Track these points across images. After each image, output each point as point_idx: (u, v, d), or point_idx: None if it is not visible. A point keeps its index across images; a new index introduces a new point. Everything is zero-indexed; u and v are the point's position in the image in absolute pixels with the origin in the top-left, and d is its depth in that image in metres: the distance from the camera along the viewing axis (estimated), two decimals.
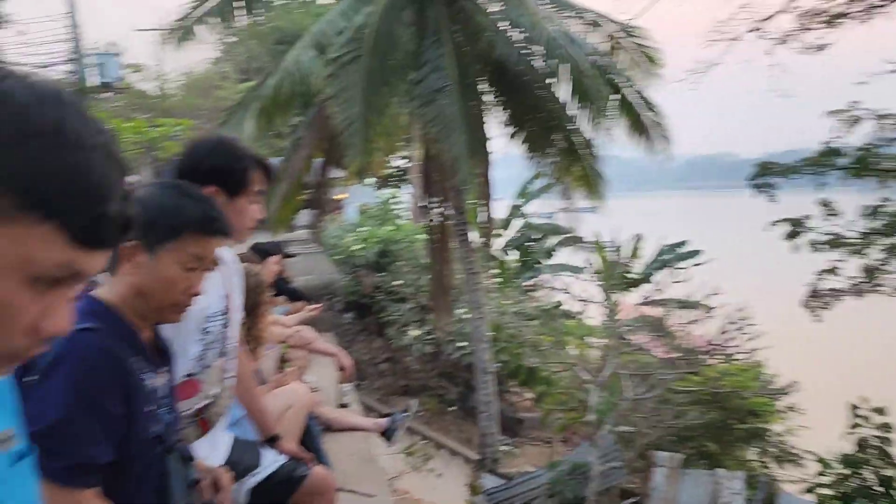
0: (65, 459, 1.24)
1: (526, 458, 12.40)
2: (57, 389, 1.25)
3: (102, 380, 1.30)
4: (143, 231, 1.38)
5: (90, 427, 1.27)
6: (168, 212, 1.43)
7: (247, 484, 2.14)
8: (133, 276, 1.43)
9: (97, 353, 1.31)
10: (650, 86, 9.83)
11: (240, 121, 9.34)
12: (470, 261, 10.21)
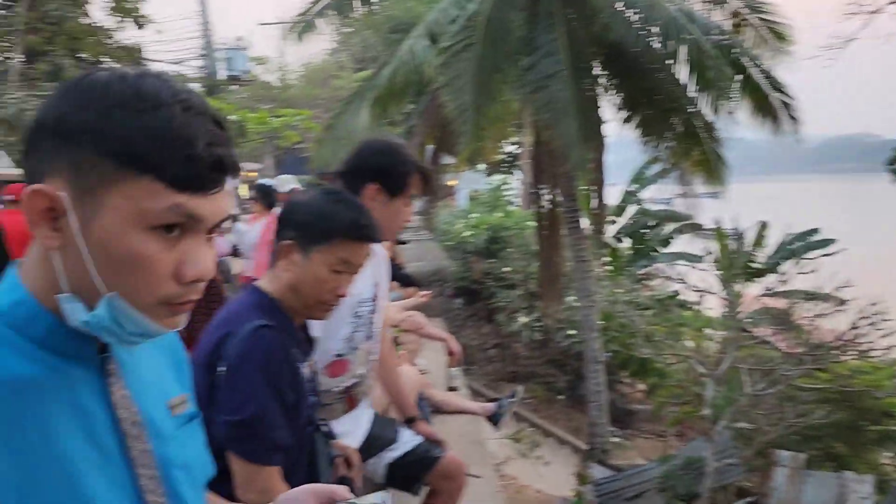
0: (261, 443, 1.43)
1: (637, 450, 12.14)
2: (251, 383, 1.43)
3: (282, 372, 1.47)
4: (299, 231, 1.55)
5: (277, 414, 1.45)
6: (323, 216, 1.57)
7: (385, 459, 2.26)
8: (288, 272, 1.57)
9: (277, 348, 1.47)
10: (778, 64, 9.28)
11: (356, 110, 9.65)
12: (580, 248, 10.07)
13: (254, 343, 1.45)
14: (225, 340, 1.48)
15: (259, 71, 23.98)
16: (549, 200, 10.73)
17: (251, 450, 1.41)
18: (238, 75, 18.37)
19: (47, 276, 0.78)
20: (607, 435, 10.40)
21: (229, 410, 1.41)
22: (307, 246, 1.55)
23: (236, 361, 1.44)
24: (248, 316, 1.51)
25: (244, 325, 1.48)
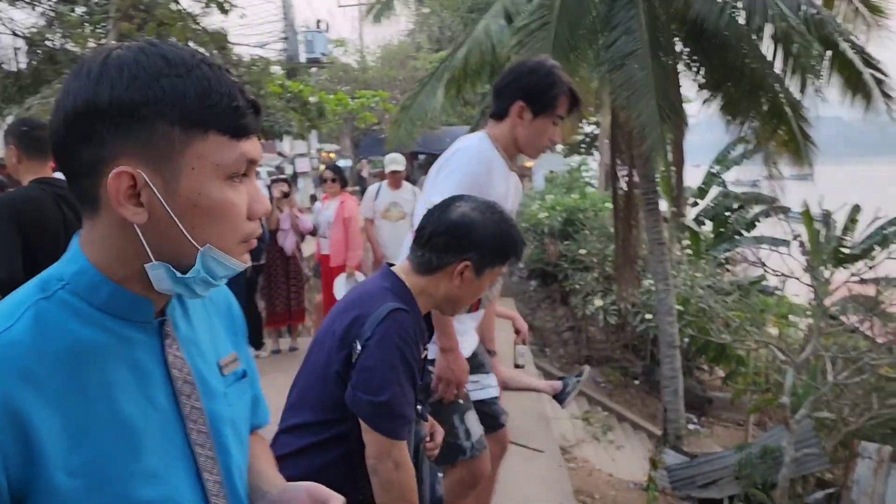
0: (397, 421, 1.56)
1: (714, 438, 11.89)
2: (390, 366, 1.55)
3: (413, 353, 1.59)
4: (479, 254, 1.65)
5: (410, 393, 1.58)
6: (503, 242, 1.68)
7: (472, 392, 2.37)
8: (457, 286, 1.68)
9: (412, 330, 1.59)
10: (874, 39, 8.78)
11: (431, 91, 9.72)
12: (657, 231, 9.87)
13: (390, 325, 1.55)
14: (360, 319, 1.59)
15: (338, 53, 24.41)
16: (626, 182, 10.55)
17: (390, 427, 1.54)
18: (318, 58, 18.69)
19: (113, 248, 0.87)
20: (682, 421, 10.22)
21: (370, 390, 1.53)
22: (483, 268, 1.66)
23: (375, 343, 1.54)
24: (382, 297, 1.62)
25: (379, 306, 1.58)
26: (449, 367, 2.12)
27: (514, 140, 2.28)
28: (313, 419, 1.61)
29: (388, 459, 1.54)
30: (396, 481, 1.54)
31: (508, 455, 3.38)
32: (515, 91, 2.23)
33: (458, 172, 2.14)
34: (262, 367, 5.55)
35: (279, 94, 10.34)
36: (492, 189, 2.16)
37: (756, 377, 10.59)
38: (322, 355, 1.62)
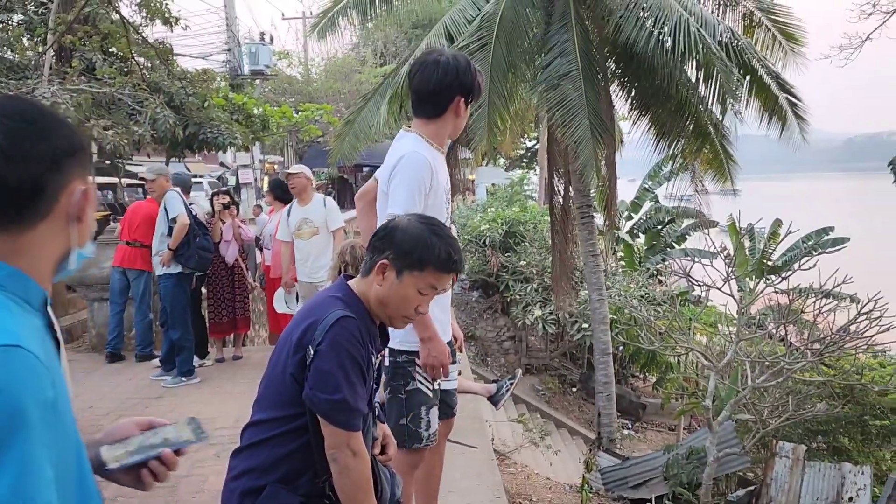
0: (353, 415, 1.75)
1: (647, 442, 12.36)
2: (342, 368, 1.73)
3: (361, 354, 1.77)
4: (397, 255, 1.82)
5: (362, 389, 1.76)
6: (422, 247, 1.83)
7: (443, 381, 2.60)
8: (381, 286, 1.85)
9: (357, 334, 1.77)
10: (790, 64, 9.41)
11: (376, 105, 9.92)
12: (592, 243, 10.28)
13: (338, 330, 1.73)
14: (312, 326, 1.77)
15: (282, 65, 24.37)
16: (563, 196, 10.95)
17: (346, 420, 1.72)
18: (262, 70, 18.67)
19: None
20: (615, 425, 10.62)
21: (326, 390, 1.71)
22: (402, 269, 1.81)
23: (326, 347, 1.71)
24: (331, 306, 1.80)
25: (329, 314, 1.76)
26: (431, 355, 2.35)
27: (450, 130, 2.55)
28: (275, 415, 1.79)
29: (347, 448, 1.73)
30: (354, 467, 1.74)
31: (446, 450, 3.62)
32: (456, 89, 2.45)
33: (408, 180, 2.37)
34: (208, 375, 5.62)
35: (223, 106, 10.38)
36: (438, 181, 2.46)
37: (684, 382, 11.13)
38: (281, 358, 1.81)
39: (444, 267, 1.83)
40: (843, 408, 8.60)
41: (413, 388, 2.43)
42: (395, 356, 2.44)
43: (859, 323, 7.03)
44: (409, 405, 2.44)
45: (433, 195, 2.41)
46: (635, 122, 9.75)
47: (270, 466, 1.80)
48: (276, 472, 1.80)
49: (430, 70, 2.49)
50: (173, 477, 3.83)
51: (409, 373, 2.42)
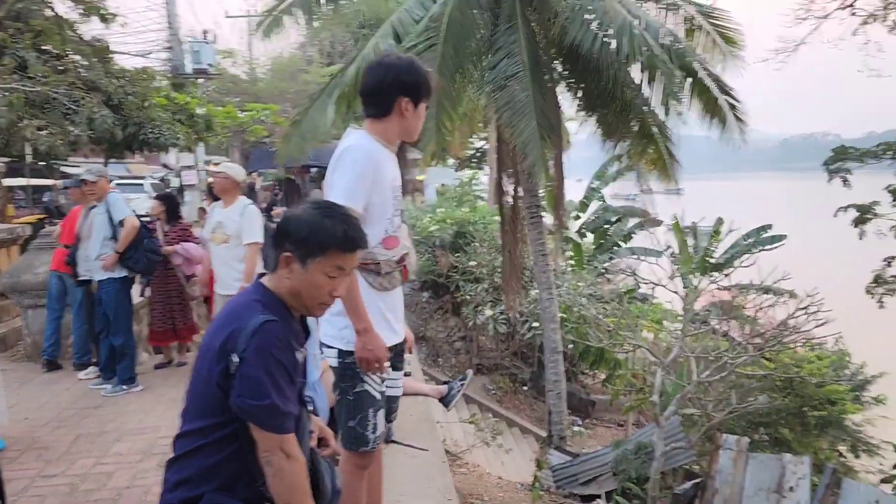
0: (284, 418, 1.74)
1: (597, 439, 12.54)
2: (269, 373, 1.72)
3: (286, 356, 1.75)
4: (296, 245, 1.81)
5: (290, 392, 1.75)
6: (317, 232, 1.81)
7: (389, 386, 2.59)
8: (289, 279, 1.83)
9: (282, 336, 1.76)
10: (729, 67, 9.67)
11: (322, 106, 9.80)
12: (541, 242, 10.37)
13: (262, 336, 1.70)
14: (235, 332, 1.73)
15: (227, 64, 23.88)
16: (512, 196, 11.02)
17: (276, 424, 1.71)
18: (205, 69, 18.24)
19: None
20: (566, 422, 10.74)
21: (255, 396, 1.69)
22: (304, 258, 1.79)
23: (251, 354, 1.69)
24: (253, 310, 1.77)
25: (251, 320, 1.73)
26: (365, 348, 2.32)
27: (399, 131, 2.53)
28: (203, 424, 1.77)
29: (280, 451, 1.72)
30: (288, 469, 1.74)
31: (397, 453, 3.59)
32: (398, 89, 2.44)
33: (349, 172, 2.35)
34: (151, 383, 5.44)
35: (165, 105, 10.11)
36: (383, 177, 2.42)
37: (632, 379, 11.31)
38: (204, 367, 1.78)
39: (344, 246, 1.82)
40: (783, 400, 8.89)
41: (361, 389, 2.40)
42: (344, 357, 2.40)
43: (797, 318, 7.26)
44: (357, 407, 2.41)
45: (377, 190, 2.38)
46: (582, 123, 9.89)
47: (205, 476, 1.77)
48: (211, 480, 1.77)
49: (373, 71, 2.50)
50: (115, 488, 3.70)
51: (358, 374, 2.39)
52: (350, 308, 2.31)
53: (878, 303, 8.21)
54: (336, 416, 2.52)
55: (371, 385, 2.40)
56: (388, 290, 2.46)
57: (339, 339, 2.42)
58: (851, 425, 9.25)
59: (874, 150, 7.67)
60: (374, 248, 2.41)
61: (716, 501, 7.59)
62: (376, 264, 2.41)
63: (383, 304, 2.46)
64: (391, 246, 2.45)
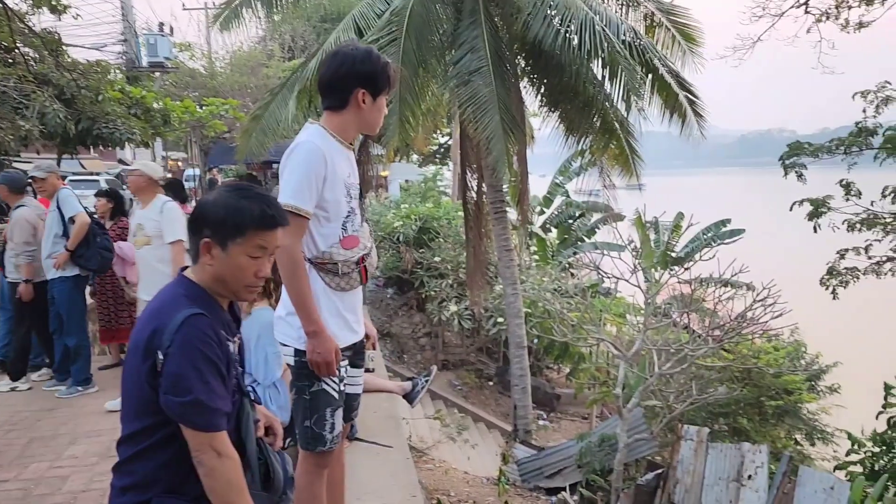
0: (212, 415, 1.67)
1: (562, 432, 12.64)
2: (194, 368, 1.66)
3: (215, 350, 1.69)
4: (214, 230, 1.76)
5: (219, 387, 1.69)
6: (233, 213, 1.76)
7: (348, 384, 2.53)
8: (211, 265, 1.78)
9: (209, 330, 1.70)
10: (688, 63, 9.81)
11: (284, 100, 9.68)
12: (505, 238, 10.40)
13: (187, 331, 1.65)
14: (159, 329, 1.68)
15: (184, 58, 23.41)
16: (476, 191, 11.03)
17: (204, 422, 1.65)
18: (161, 62, 17.89)
19: None
20: (531, 417, 10.81)
21: (179, 393, 1.63)
22: (224, 241, 1.75)
23: (176, 349, 1.64)
24: (178, 305, 1.71)
25: (175, 315, 1.67)
26: (315, 351, 2.28)
27: (357, 124, 2.45)
28: (141, 426, 1.71)
29: (210, 450, 1.67)
30: (220, 468, 1.68)
31: (361, 451, 3.55)
32: (354, 81, 2.36)
33: (298, 170, 2.28)
34: (107, 384, 5.27)
35: (120, 99, 9.86)
36: (335, 173, 2.35)
37: (596, 372, 11.44)
38: (133, 367, 1.72)
39: (263, 224, 1.78)
40: (741, 390, 9.07)
41: (318, 388, 2.36)
42: (300, 356, 2.36)
43: (755, 310, 7.41)
44: (314, 407, 2.37)
45: (330, 188, 2.31)
46: (545, 119, 9.94)
47: (151, 479, 1.72)
48: (157, 483, 1.72)
49: (329, 61, 2.42)
50: (71, 492, 3.59)
51: (314, 373, 2.34)
52: (300, 310, 2.27)
53: (832, 294, 8.43)
54: (293, 415, 2.47)
55: (329, 384, 2.36)
56: (345, 290, 2.41)
57: (295, 339, 2.37)
58: (807, 414, 9.48)
59: (827, 146, 7.86)
60: (331, 248, 2.35)
61: (677, 491, 7.72)
62: (334, 264, 2.36)
63: (341, 304, 2.42)
64: (350, 246, 2.39)
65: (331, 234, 2.35)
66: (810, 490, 6.34)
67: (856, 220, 7.89)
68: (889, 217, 7.64)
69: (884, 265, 7.98)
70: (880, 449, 7.44)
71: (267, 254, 1.81)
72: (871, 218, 7.72)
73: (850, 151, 7.73)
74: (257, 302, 3.26)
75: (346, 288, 2.40)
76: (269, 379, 3.21)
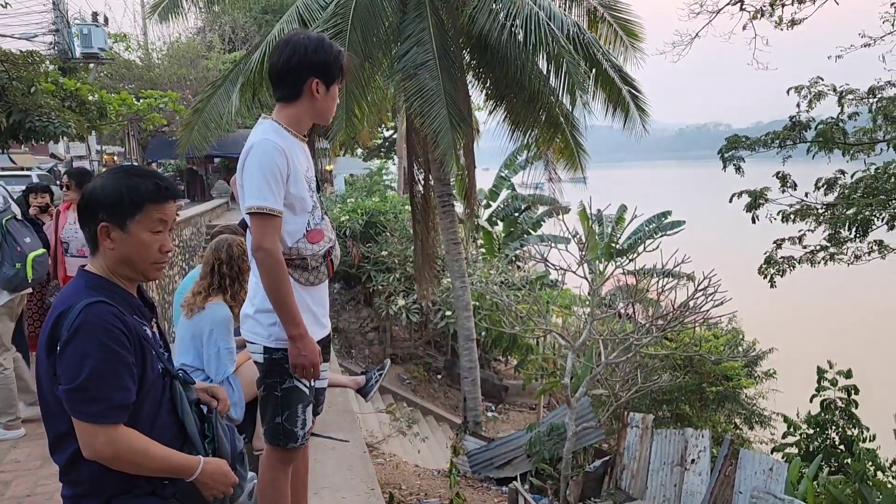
0: (98, 404, 1.57)
1: (511, 423, 12.80)
2: (84, 351, 1.57)
3: (116, 337, 1.61)
4: (110, 212, 1.70)
5: (116, 376, 1.59)
6: (126, 192, 1.72)
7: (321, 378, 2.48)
8: (114, 249, 1.72)
9: (109, 317, 1.62)
10: (630, 58, 10.02)
11: (226, 93, 9.47)
12: (453, 231, 10.43)
13: (84, 317, 1.58)
14: (58, 321, 1.61)
15: (119, 49, 22.66)
16: (423, 185, 11.03)
17: (88, 412, 1.56)
18: (96, 53, 17.23)
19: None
20: (480, 409, 10.90)
21: (66, 379, 1.56)
22: (122, 221, 1.70)
23: (68, 335, 1.57)
24: (77, 296, 1.65)
25: (75, 306, 1.61)
26: (300, 354, 2.23)
27: (311, 115, 2.39)
28: (64, 428, 1.65)
29: (93, 446, 1.59)
30: (117, 455, 1.60)
31: (318, 446, 3.53)
32: (307, 70, 2.30)
33: (259, 170, 2.23)
34: None
35: (53, 91, 9.47)
36: (296, 168, 2.30)
37: (544, 363, 11.62)
38: (42, 366, 1.66)
39: (158, 197, 1.75)
40: (683, 378, 9.36)
41: (290, 385, 2.32)
42: (271, 353, 2.32)
43: (696, 299, 7.63)
44: (286, 403, 2.34)
45: (293, 183, 2.28)
46: (491, 112, 10.00)
47: (99, 483, 1.65)
48: (108, 485, 1.66)
49: (280, 50, 2.35)
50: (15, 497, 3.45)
51: (286, 370, 2.31)
52: (283, 314, 2.22)
53: (770, 282, 8.76)
54: (261, 412, 2.43)
55: (300, 381, 2.34)
56: (314, 284, 2.39)
57: (265, 337, 2.33)
58: (745, 399, 9.83)
59: (764, 139, 8.15)
60: (298, 243, 2.32)
61: (624, 476, 7.93)
62: (302, 259, 2.32)
63: (310, 299, 2.39)
64: (316, 240, 2.36)
65: (296, 230, 2.31)
66: (750, 471, 6.59)
67: (790, 210, 8.21)
68: (821, 208, 7.97)
69: (818, 254, 8.32)
70: (814, 431, 7.79)
71: (167, 227, 1.78)
72: (805, 209, 8.04)
73: (784, 145, 8.04)
74: (211, 297, 3.20)
75: (315, 282, 2.37)
76: (222, 374, 3.15)
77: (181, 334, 3.23)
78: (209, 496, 1.75)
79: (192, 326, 3.18)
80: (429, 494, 7.40)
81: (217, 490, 1.75)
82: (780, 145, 7.98)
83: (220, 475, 1.76)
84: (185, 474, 1.70)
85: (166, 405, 1.76)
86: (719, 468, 6.83)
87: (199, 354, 3.18)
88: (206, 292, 3.22)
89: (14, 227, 4.52)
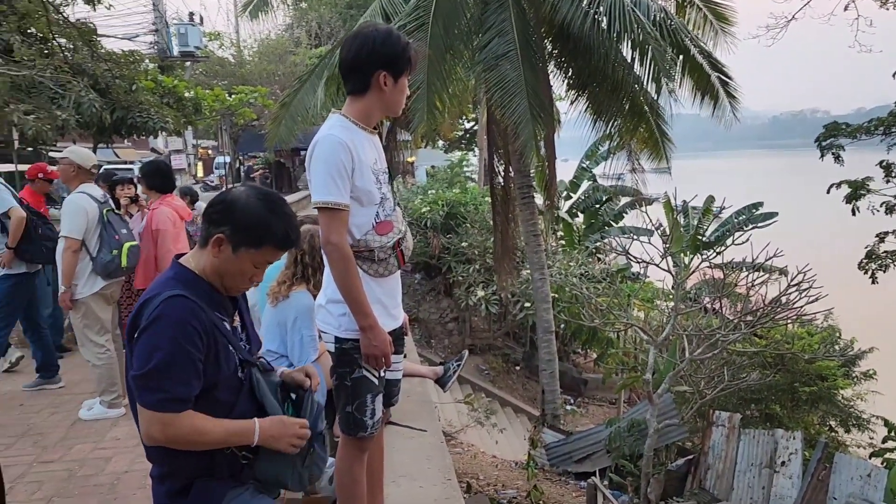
0: (158, 394, 1.64)
1: (589, 417, 12.65)
2: (155, 343, 1.64)
3: (188, 334, 1.66)
4: (234, 230, 1.76)
5: (180, 371, 1.65)
6: (259, 225, 1.78)
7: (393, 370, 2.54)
8: (216, 258, 1.80)
9: (186, 312, 1.68)
10: (721, 43, 9.65)
11: (312, 87, 9.72)
12: (532, 223, 10.36)
13: (162, 309, 1.64)
14: (141, 309, 1.70)
15: (213, 47, 23.62)
16: (503, 176, 10.99)
17: (147, 400, 1.63)
18: (192, 51, 18.04)
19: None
20: (559, 401, 10.81)
21: (136, 366, 1.65)
22: (238, 245, 1.76)
23: (145, 325, 1.64)
24: (164, 287, 1.72)
25: (159, 296, 1.68)
26: (371, 344, 2.28)
27: (380, 107, 2.40)
28: None
29: (151, 434, 1.66)
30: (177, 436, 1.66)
31: (396, 435, 3.60)
32: (375, 63, 2.31)
33: (323, 165, 2.25)
34: None
35: (152, 89, 10.00)
36: (361, 161, 2.31)
37: (624, 357, 11.39)
38: (128, 352, 1.74)
39: (281, 245, 1.82)
40: (774, 376, 8.97)
41: (359, 375, 2.38)
42: (342, 343, 2.38)
43: (789, 295, 7.29)
44: (355, 393, 2.39)
45: (359, 176, 2.29)
46: (573, 102, 9.85)
47: (183, 465, 1.74)
48: (188, 468, 1.74)
49: (349, 44, 2.37)
50: (114, 473, 3.68)
51: (356, 360, 2.36)
52: (353, 306, 2.26)
53: (871, 278, 8.26)
54: (335, 400, 2.50)
55: (369, 371, 2.39)
56: (384, 276, 2.42)
57: (335, 327, 2.39)
58: (842, 400, 9.34)
59: (866, 126, 7.68)
60: (366, 235, 2.35)
61: (708, 477, 7.70)
62: (370, 251, 2.36)
63: (380, 290, 2.42)
64: (384, 231, 2.37)
65: (364, 222, 2.34)
66: (846, 477, 6.28)
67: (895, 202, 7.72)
68: None
69: None
70: None
71: (267, 266, 1.86)
72: None
73: (889, 132, 7.55)
74: (295, 286, 3.30)
75: (384, 274, 2.40)
76: (304, 361, 3.25)
77: (266, 322, 3.35)
78: (286, 449, 1.80)
79: (277, 314, 3.29)
80: (506, 486, 7.41)
81: (287, 440, 1.80)
82: (884, 132, 7.49)
83: (279, 425, 1.80)
84: (247, 438, 1.76)
85: (246, 393, 1.83)
86: (812, 472, 6.54)
87: (284, 342, 3.29)
88: (289, 281, 3.32)
89: (113, 218, 4.80)
